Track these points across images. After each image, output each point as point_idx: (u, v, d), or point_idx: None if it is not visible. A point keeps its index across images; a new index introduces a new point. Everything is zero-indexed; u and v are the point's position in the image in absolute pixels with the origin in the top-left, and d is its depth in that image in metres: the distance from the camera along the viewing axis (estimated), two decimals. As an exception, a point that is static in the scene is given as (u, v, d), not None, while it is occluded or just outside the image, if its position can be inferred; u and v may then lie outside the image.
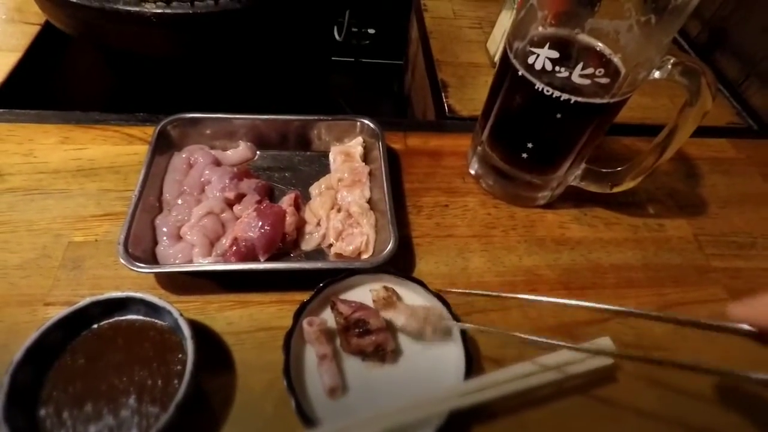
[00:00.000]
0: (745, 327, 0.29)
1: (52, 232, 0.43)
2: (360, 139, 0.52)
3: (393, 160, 0.53)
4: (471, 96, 0.65)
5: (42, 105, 0.54)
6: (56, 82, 0.66)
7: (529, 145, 0.45)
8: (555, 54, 0.37)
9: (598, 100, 0.39)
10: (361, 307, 0.37)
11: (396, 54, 1.13)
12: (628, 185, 0.48)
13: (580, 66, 0.37)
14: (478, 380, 0.35)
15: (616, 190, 0.49)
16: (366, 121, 0.51)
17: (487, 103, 0.49)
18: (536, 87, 0.40)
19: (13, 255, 0.41)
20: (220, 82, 0.68)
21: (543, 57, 0.38)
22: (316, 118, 0.52)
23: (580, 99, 0.39)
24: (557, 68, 0.38)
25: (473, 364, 0.36)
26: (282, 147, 0.53)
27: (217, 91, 0.65)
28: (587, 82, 0.38)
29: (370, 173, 0.50)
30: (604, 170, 0.49)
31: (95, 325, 0.35)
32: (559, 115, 0.41)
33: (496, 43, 0.67)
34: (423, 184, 0.52)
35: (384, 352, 0.36)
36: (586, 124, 0.42)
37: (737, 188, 0.57)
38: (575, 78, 0.38)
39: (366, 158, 0.51)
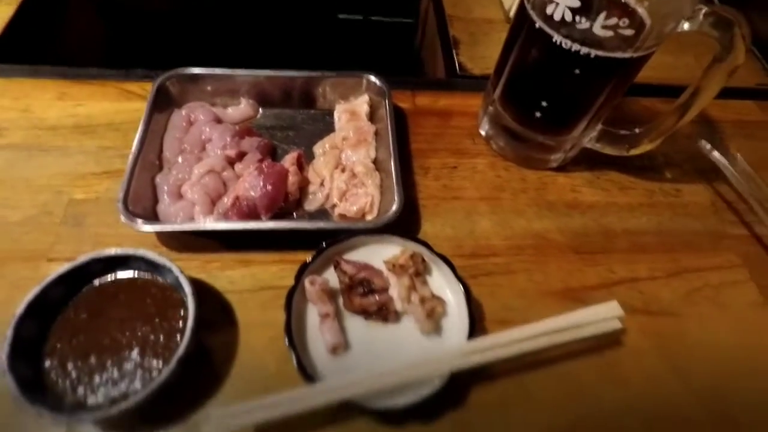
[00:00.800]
0: None
1: (53, 189, 0.43)
2: (366, 96, 0.50)
3: (400, 120, 0.51)
4: (483, 53, 0.62)
5: (38, 60, 0.52)
6: (52, 37, 0.64)
7: (544, 104, 0.42)
8: (576, 3, 0.35)
9: (620, 54, 0.37)
10: (366, 267, 0.36)
11: (406, 11, 1.08)
12: (645, 148, 0.46)
13: (602, 16, 0.34)
14: (480, 341, 0.34)
15: (632, 152, 0.47)
16: (372, 78, 0.49)
17: (500, 59, 0.46)
18: (554, 40, 0.37)
19: (13, 211, 0.41)
20: (221, 38, 0.65)
21: (563, 6, 0.36)
22: (320, 74, 0.49)
23: (600, 53, 0.36)
24: (578, 18, 0.35)
25: (476, 326, 0.36)
26: (285, 105, 0.51)
27: (218, 49, 0.63)
28: (609, 34, 0.35)
29: (376, 132, 0.48)
30: (621, 132, 0.47)
31: (97, 282, 0.35)
32: (577, 71, 0.38)
33: (512, -3, 0.63)
34: (431, 144, 0.50)
35: (387, 312, 0.36)
36: (606, 81, 0.39)
37: (762, 152, 0.54)
38: (597, 29, 0.35)
39: (372, 117, 0.49)
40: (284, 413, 0.31)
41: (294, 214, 0.43)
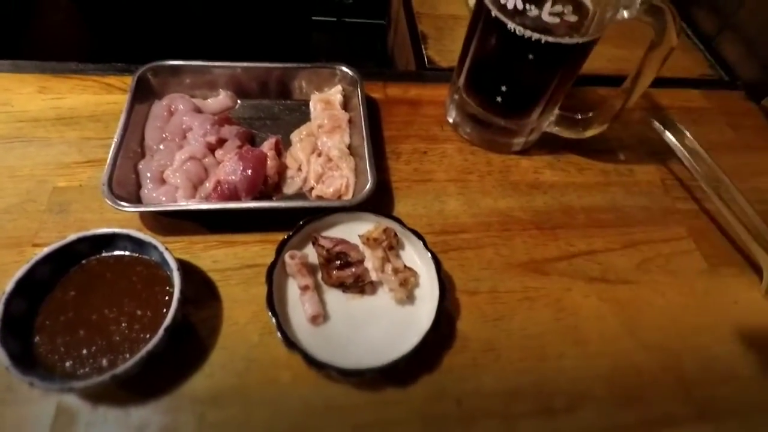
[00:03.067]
0: None
1: (36, 178, 0.44)
2: (339, 87, 0.53)
3: (373, 109, 0.54)
4: (450, 47, 0.65)
5: (14, 54, 0.53)
6: (30, 33, 0.65)
7: (503, 89, 0.46)
8: (526, -8, 0.38)
9: (567, 40, 0.40)
10: (342, 241, 0.39)
11: (378, 13, 1.11)
12: (597, 130, 0.50)
13: (548, 3, 0.38)
14: None
15: (586, 134, 0.51)
16: (345, 69, 0.52)
17: (463, 49, 0.50)
18: (509, 27, 0.41)
19: (-3, 200, 0.42)
20: (198, 33, 0.67)
21: (515, -4, 0.39)
22: (296, 66, 0.52)
23: (550, 39, 0.40)
24: (528, 7, 0.39)
25: (446, 294, 0.38)
26: (262, 96, 0.53)
27: (195, 44, 0.65)
28: (557, 20, 0.39)
29: (350, 120, 0.50)
30: (576, 116, 0.50)
31: (84, 261, 0.37)
32: (531, 56, 0.42)
33: (476, -6, 0.67)
34: (402, 131, 0.53)
35: (363, 283, 0.38)
36: (557, 65, 0.43)
37: (706, 137, 0.59)
38: (545, 16, 0.39)
39: (346, 106, 0.52)
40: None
41: (273, 197, 0.45)
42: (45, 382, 0.30)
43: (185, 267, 0.40)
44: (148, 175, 0.43)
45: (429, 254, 0.39)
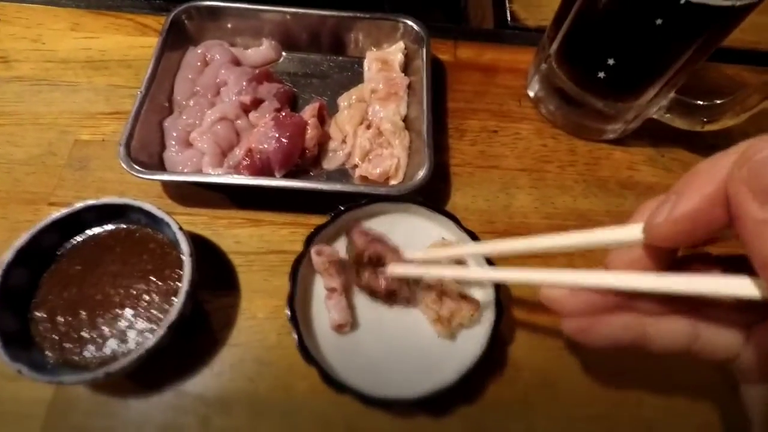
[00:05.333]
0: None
1: (59, 127, 0.40)
2: (401, 44, 0.44)
3: (438, 74, 0.46)
4: (540, 2, 0.54)
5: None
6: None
7: (610, 62, 0.36)
8: (672, -71, 0.27)
9: (718, 1, 0.29)
10: (380, 240, 0.32)
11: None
12: (726, 123, 0.39)
13: (704, -52, 0.27)
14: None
15: (709, 128, 0.39)
16: (410, 23, 0.43)
17: (561, 7, 0.39)
18: (635, -20, 0.30)
19: (18, 149, 0.39)
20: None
21: (653, -66, 0.28)
22: (352, 15, 0.44)
23: (693, -1, 0.29)
24: (670, -49, 0.28)
25: (502, 317, 0.31)
26: (311, 49, 0.46)
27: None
28: (710, -27, 0.28)
29: (409, 86, 0.42)
30: (698, 102, 0.39)
31: (92, 231, 0.33)
32: (659, 21, 0.31)
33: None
34: (470, 104, 0.44)
35: (395, 298, 0.32)
36: (694, 36, 0.32)
37: None
38: (694, -33, 0.28)
39: (406, 68, 0.44)
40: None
41: (311, 172, 0.39)
42: (34, 372, 0.26)
43: (204, 246, 0.35)
44: (174, 134, 0.38)
45: (487, 266, 0.31)
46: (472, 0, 0.78)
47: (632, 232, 0.19)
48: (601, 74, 0.37)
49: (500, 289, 0.31)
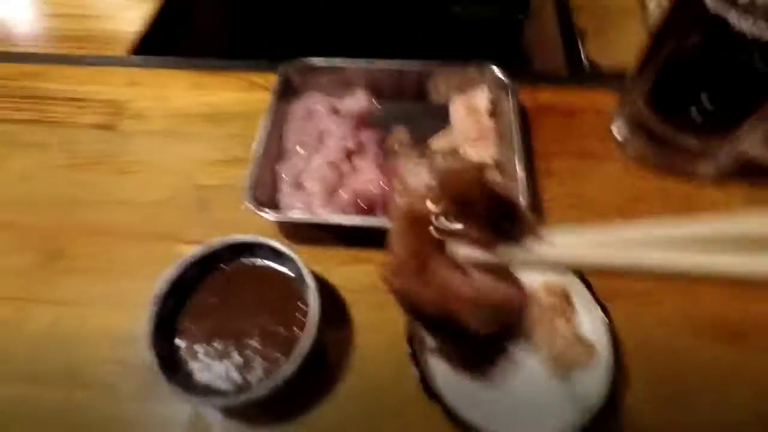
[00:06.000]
0: None
1: (183, 173, 0.45)
2: (486, 90, 0.47)
3: (521, 118, 0.48)
4: (614, 43, 0.56)
5: (171, 52, 0.56)
6: (185, 31, 0.69)
7: (705, 101, 0.37)
8: (773, -20, 0.29)
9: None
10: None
11: (513, 4, 1.02)
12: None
13: (808, -5, 0.28)
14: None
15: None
16: (495, 70, 0.46)
17: (648, 50, 0.41)
18: (732, 24, 0.32)
19: (150, 193, 0.44)
20: (332, 28, 0.66)
21: (752, -15, 0.30)
22: (438, 64, 0.48)
23: (794, 42, 0.30)
24: (771, 0, 0.30)
25: (619, 362, 0.31)
26: (400, 97, 0.50)
27: (329, 39, 0.63)
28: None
29: (496, 129, 0.45)
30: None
31: (225, 266, 0.36)
32: (756, 60, 0.32)
33: (653, -18, 0.56)
34: (554, 146, 0.46)
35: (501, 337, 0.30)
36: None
37: None
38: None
39: (490, 112, 0.46)
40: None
41: (409, 212, 0.42)
42: (187, 394, 0.29)
43: (317, 281, 0.38)
44: (285, 178, 0.42)
45: (599, 308, 0.32)
46: (534, 43, 0.82)
47: None
48: (695, 113, 0.38)
49: (614, 329, 0.31)
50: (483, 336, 0.16)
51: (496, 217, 0.14)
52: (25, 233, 0.42)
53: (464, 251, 0.15)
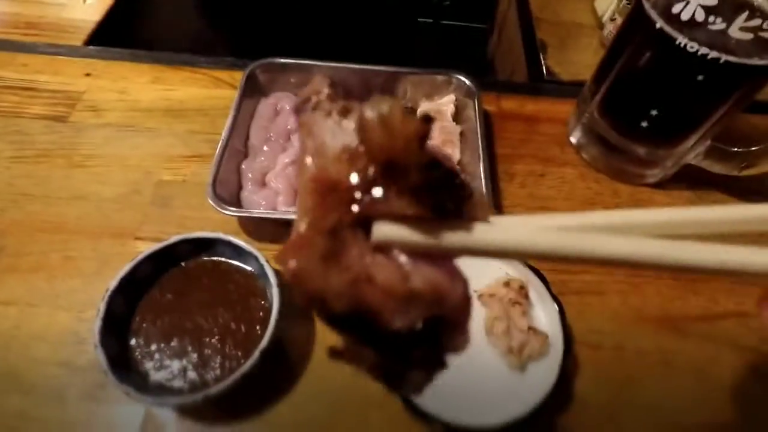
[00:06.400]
0: None
1: (143, 169, 0.44)
2: (452, 96, 0.48)
3: (485, 122, 0.49)
4: (572, 59, 0.58)
5: (133, 45, 0.54)
6: (146, 23, 0.67)
7: (653, 113, 0.39)
8: (713, 0, 0.31)
9: (756, 62, 0.33)
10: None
11: (479, 17, 1.05)
12: (763, 168, 0.41)
13: (743, 16, 0.31)
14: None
15: (746, 173, 0.42)
16: (462, 78, 0.47)
17: (603, 63, 0.43)
18: (677, 42, 0.34)
19: (107, 188, 0.42)
20: (300, 34, 0.66)
21: (694, 4, 0.32)
22: (408, 70, 0.48)
23: (732, 59, 0.33)
24: (711, 19, 0.32)
25: (571, 350, 0.33)
26: (366, 100, 0.50)
27: (295, 45, 0.63)
28: (748, 36, 0.32)
29: (461, 134, 0.46)
30: (734, 149, 0.42)
31: (182, 263, 0.35)
32: (700, 78, 0.35)
33: (608, 1, 0.59)
34: (516, 150, 0.48)
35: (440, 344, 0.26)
36: (732, 91, 0.36)
37: None
38: (733, 32, 0.32)
39: (457, 118, 0.48)
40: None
41: (374, 211, 0.42)
42: (140, 394, 0.28)
43: (279, 279, 0.38)
44: (250, 176, 0.41)
45: (554, 302, 0.33)
46: (499, 59, 0.85)
47: None
48: (645, 123, 0.40)
49: (566, 322, 0.33)
50: (408, 337, 0.12)
51: (436, 190, 0.11)
52: (-36, 228, 0.39)
53: (391, 231, 0.12)
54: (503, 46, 0.81)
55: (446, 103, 0.48)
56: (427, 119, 0.11)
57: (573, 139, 0.48)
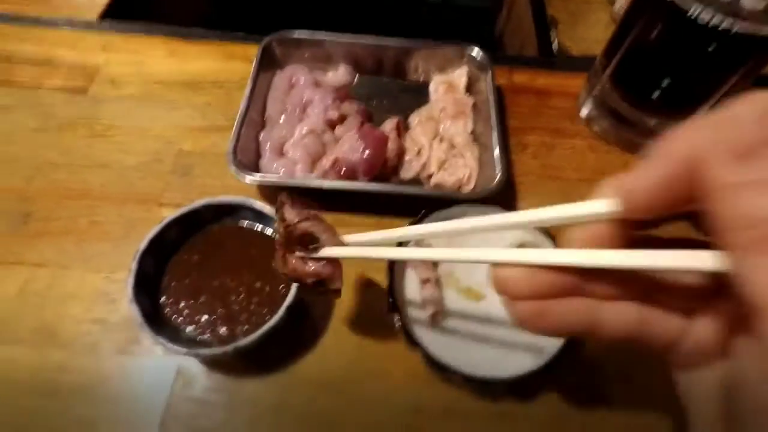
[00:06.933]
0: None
1: (164, 139, 0.45)
2: (465, 69, 0.49)
3: (497, 95, 0.50)
4: (583, 34, 0.59)
5: (146, 19, 0.55)
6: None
7: (664, 84, 0.40)
8: (727, -32, 0.32)
9: (766, 32, 0.33)
10: (314, 217, 0.27)
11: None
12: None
13: (757, -17, 0.31)
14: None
15: (753, 143, 0.43)
16: (474, 51, 0.48)
17: (614, 36, 0.44)
18: (689, 13, 0.35)
19: (129, 156, 0.43)
20: (305, 8, 0.66)
21: (708, -27, 0.33)
22: (421, 43, 0.49)
23: (744, 28, 0.33)
24: (724, -13, 0.33)
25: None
26: (381, 73, 0.51)
27: (308, 17, 0.64)
28: (761, 5, 0.32)
29: (474, 106, 0.47)
30: (742, 121, 0.43)
31: (207, 227, 0.36)
32: (711, 48, 0.35)
33: (619, -24, 0.60)
34: (528, 122, 0.49)
35: (325, 290, 0.27)
36: (744, 60, 0.36)
37: None
38: (746, 1, 0.32)
39: (469, 90, 0.48)
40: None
41: (390, 181, 0.43)
42: (174, 345, 0.30)
43: (301, 243, 0.39)
44: (268, 145, 0.43)
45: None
46: (508, 33, 0.85)
47: (595, 206, 0.17)
48: (656, 95, 0.41)
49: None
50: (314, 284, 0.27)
51: (312, 239, 0.27)
52: (-7, 194, 0.40)
53: (300, 253, 0.28)
54: (512, 23, 0.81)
55: (459, 76, 0.48)
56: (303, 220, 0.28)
57: (584, 112, 0.49)
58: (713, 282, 0.16)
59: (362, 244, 0.26)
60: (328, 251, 0.26)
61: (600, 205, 0.16)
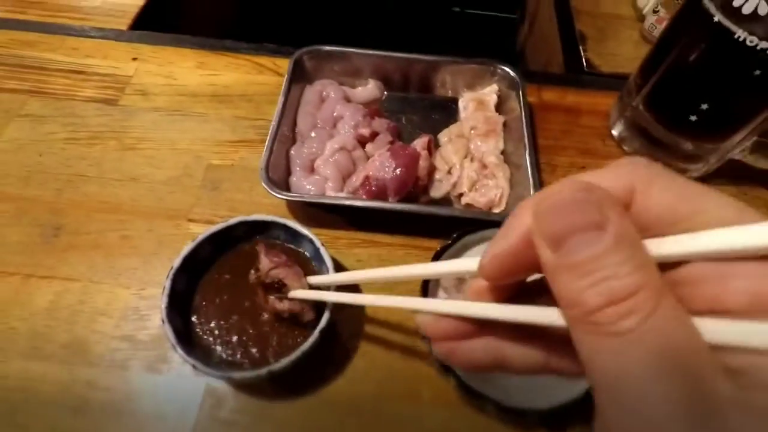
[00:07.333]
0: None
1: (193, 152, 0.45)
2: (495, 86, 0.48)
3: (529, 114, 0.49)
4: (613, 51, 0.58)
5: (171, 30, 0.55)
6: (187, 7, 0.68)
7: (704, 107, 0.39)
8: (779, -6, 0.31)
9: (816, 56, 0.33)
10: (285, 264, 0.32)
11: (509, 6, 1.04)
12: (811, 164, 0.41)
13: (809, 10, 0.31)
14: None
15: (793, 169, 0.42)
16: (505, 68, 0.48)
17: (651, 55, 0.43)
18: (736, 36, 0.34)
19: (158, 171, 0.43)
20: (332, 23, 0.66)
21: (757, -2, 0.32)
22: (450, 59, 0.49)
23: (792, 54, 0.33)
24: (775, 12, 0.32)
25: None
26: (409, 89, 0.50)
27: (329, 30, 0.64)
28: (812, 31, 0.31)
29: (504, 124, 0.46)
30: (781, 145, 0.42)
31: (239, 245, 0.36)
32: (757, 72, 0.35)
33: (650, -7, 0.59)
34: (558, 141, 0.48)
35: (299, 321, 0.32)
36: (788, 85, 0.35)
37: None
38: (796, 26, 0.32)
39: (499, 108, 0.48)
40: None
41: (420, 200, 0.43)
42: (206, 367, 0.29)
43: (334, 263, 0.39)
44: (298, 161, 0.42)
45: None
46: (530, 47, 0.84)
47: (470, 264, 0.18)
48: (693, 117, 0.40)
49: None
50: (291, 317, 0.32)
51: (282, 283, 0.32)
52: (26, 207, 0.40)
53: (274, 294, 0.32)
54: (535, 37, 0.80)
55: (489, 93, 0.48)
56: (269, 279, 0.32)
57: (615, 132, 0.48)
58: None
59: (326, 284, 0.32)
60: (293, 293, 0.32)
61: (473, 264, 0.18)
